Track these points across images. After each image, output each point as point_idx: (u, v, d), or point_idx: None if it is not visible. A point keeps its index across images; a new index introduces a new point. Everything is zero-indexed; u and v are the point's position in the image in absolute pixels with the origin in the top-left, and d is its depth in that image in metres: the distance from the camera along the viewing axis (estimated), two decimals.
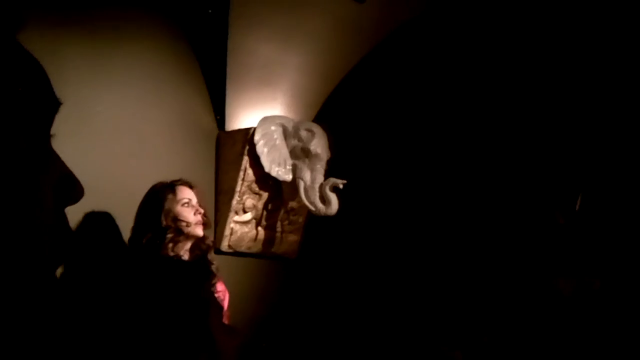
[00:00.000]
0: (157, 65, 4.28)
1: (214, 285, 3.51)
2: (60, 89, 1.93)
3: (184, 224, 3.53)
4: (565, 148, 4.95)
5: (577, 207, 4.54)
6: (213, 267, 3.60)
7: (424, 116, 5.38)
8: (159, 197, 3.58)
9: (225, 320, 3.64)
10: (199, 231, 3.59)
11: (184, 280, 3.36)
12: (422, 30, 5.15)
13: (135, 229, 3.52)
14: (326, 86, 4.99)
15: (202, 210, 3.64)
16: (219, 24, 4.40)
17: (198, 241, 3.59)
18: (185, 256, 3.54)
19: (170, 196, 3.58)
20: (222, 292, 3.68)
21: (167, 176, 3.66)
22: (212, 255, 3.67)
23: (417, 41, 5.22)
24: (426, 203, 5.38)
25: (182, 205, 3.59)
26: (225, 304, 3.72)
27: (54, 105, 1.78)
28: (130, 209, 3.56)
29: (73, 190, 1.89)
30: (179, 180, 3.68)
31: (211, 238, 3.79)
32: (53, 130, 1.94)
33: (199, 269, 3.54)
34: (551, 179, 4.97)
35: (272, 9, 4.52)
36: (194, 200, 3.66)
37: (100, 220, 3.71)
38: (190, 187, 3.70)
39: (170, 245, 3.49)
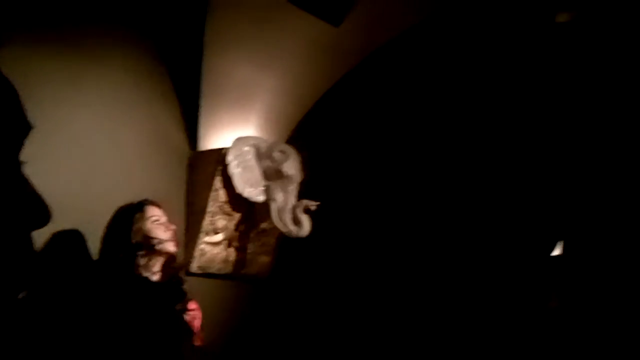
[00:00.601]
0: (130, 85, 4.25)
1: (186, 305, 3.48)
2: (32, 110, 1.89)
3: (155, 240, 3.50)
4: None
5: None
6: (185, 287, 3.58)
7: (397, 141, 5.40)
8: (127, 216, 3.56)
9: (199, 342, 3.61)
10: (171, 248, 3.57)
11: (156, 301, 3.33)
12: (397, 54, 5.18)
13: (104, 250, 3.49)
14: (301, 108, 5.00)
15: (173, 227, 3.62)
16: (194, 43, 4.39)
17: (169, 260, 3.56)
18: (157, 276, 3.51)
19: (138, 215, 3.56)
20: (195, 312, 3.65)
21: (138, 196, 3.63)
22: (183, 275, 3.64)
23: (391, 65, 5.25)
24: (398, 226, 5.39)
25: (153, 222, 3.56)
26: (198, 324, 3.69)
27: (25, 129, 1.75)
28: (102, 229, 3.52)
29: (41, 214, 1.85)
30: (146, 200, 3.66)
31: (182, 257, 3.76)
32: (23, 151, 1.91)
33: (172, 289, 3.51)
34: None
35: (248, 30, 4.52)
36: (164, 218, 3.63)
37: (70, 241, 3.66)
38: (158, 206, 3.69)
39: (142, 263, 3.46)
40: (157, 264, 3.51)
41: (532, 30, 5.05)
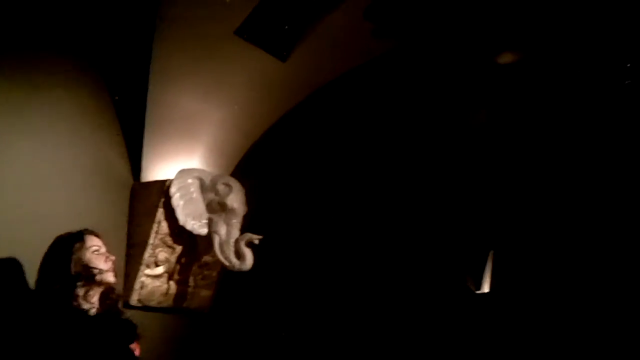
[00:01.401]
0: (74, 113, 4.20)
1: (128, 337, 3.42)
2: None
3: (95, 271, 3.42)
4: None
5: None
6: (125, 318, 3.51)
7: (341, 174, 5.44)
8: (67, 245, 3.48)
9: None
10: (111, 278, 3.49)
11: (97, 334, 3.26)
12: (343, 91, 5.24)
13: (41, 281, 3.39)
14: (246, 141, 5.00)
15: (113, 257, 3.56)
16: (140, 74, 4.37)
17: (108, 291, 3.49)
18: (95, 307, 3.43)
19: (78, 244, 3.48)
20: (133, 345, 3.58)
21: (79, 225, 3.56)
22: (121, 307, 3.57)
23: (337, 102, 5.31)
24: (340, 261, 5.41)
25: (93, 252, 3.49)
26: (137, 356, 3.62)
27: None
28: (40, 258, 3.44)
29: None
30: (86, 230, 3.59)
31: (121, 289, 3.69)
32: None
33: (112, 321, 3.44)
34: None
35: (194, 62, 4.52)
36: (104, 248, 3.57)
37: (8, 270, 3.58)
38: (97, 236, 3.62)
39: (81, 294, 3.37)
40: (95, 295, 3.43)
41: (474, 71, 5.17)
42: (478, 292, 7.00)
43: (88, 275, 3.38)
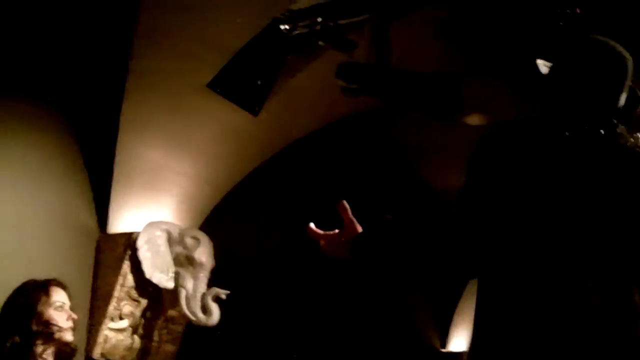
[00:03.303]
0: (39, 160, 4.16)
1: None
2: None
3: (55, 328, 3.35)
4: None
5: None
6: None
7: (306, 233, 5.43)
8: (30, 298, 3.39)
9: None
10: (69, 337, 3.41)
11: None
12: (314, 148, 5.27)
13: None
14: (215, 194, 4.98)
15: (75, 316, 3.48)
16: (109, 123, 4.35)
17: (64, 349, 3.41)
18: None
19: (43, 298, 3.40)
20: None
21: (42, 275, 3.48)
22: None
23: (308, 158, 5.33)
24: (306, 316, 5.38)
25: (55, 308, 3.41)
26: None
27: None
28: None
29: None
30: (52, 280, 3.50)
31: (75, 342, 3.59)
32: None
33: None
34: None
35: (164, 115, 4.52)
36: (67, 304, 3.49)
37: None
38: (63, 288, 3.54)
39: (39, 351, 3.29)
40: (51, 351, 3.35)
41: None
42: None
43: (47, 333, 3.30)
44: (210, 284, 4.50)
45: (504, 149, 1.94)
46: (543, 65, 2.12)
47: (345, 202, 2.12)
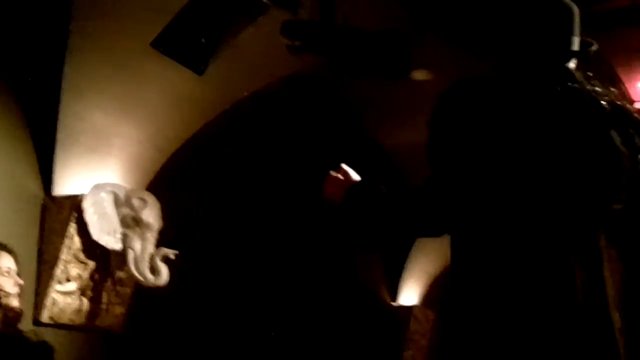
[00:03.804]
0: None
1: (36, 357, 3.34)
2: None
3: (2, 294, 3.35)
4: None
5: None
6: (28, 336, 3.44)
7: (255, 189, 5.45)
8: None
9: None
10: (16, 303, 3.43)
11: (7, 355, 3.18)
12: (260, 107, 5.27)
13: None
14: (161, 155, 4.94)
15: (21, 282, 3.48)
16: (52, 85, 4.28)
17: (9, 311, 3.41)
18: None
19: None
20: None
21: None
22: (21, 325, 3.49)
23: (253, 117, 5.33)
24: (257, 278, 5.41)
25: (2, 274, 3.40)
26: None
27: None
28: None
29: None
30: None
31: (21, 306, 3.58)
32: None
33: (16, 341, 3.36)
34: None
35: (108, 76, 4.46)
36: (14, 270, 3.48)
37: None
38: (10, 252, 3.53)
39: None
40: None
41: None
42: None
43: None
44: (158, 245, 4.49)
45: (465, 104, 1.98)
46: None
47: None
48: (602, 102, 2.01)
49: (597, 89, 2.04)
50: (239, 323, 5.29)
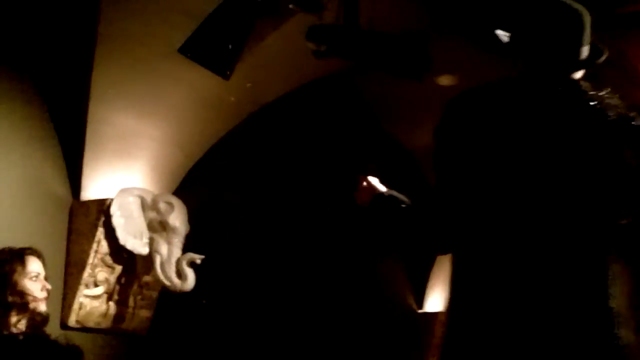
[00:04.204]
0: (10, 129, 4.12)
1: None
2: None
3: (30, 298, 3.36)
4: None
5: None
6: (56, 340, 3.45)
7: (283, 193, 5.45)
8: (5, 267, 3.39)
9: None
10: (43, 307, 3.43)
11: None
12: (285, 111, 5.27)
13: None
14: (188, 159, 4.96)
15: (49, 287, 3.49)
16: (80, 89, 4.32)
17: (37, 318, 3.43)
18: (22, 334, 3.35)
19: (19, 268, 3.39)
20: None
21: (16, 244, 3.47)
22: (49, 328, 3.51)
23: (279, 121, 5.33)
24: (282, 284, 5.40)
25: (31, 278, 3.41)
26: None
27: None
28: None
29: None
30: (28, 249, 3.50)
31: (48, 311, 3.60)
32: None
33: (44, 345, 3.37)
34: None
35: (135, 80, 4.48)
36: (42, 274, 3.49)
37: None
38: (38, 257, 3.54)
39: (13, 321, 3.30)
40: (25, 322, 3.36)
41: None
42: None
43: (22, 303, 3.31)
44: (185, 249, 4.50)
45: (468, 114, 1.98)
46: (503, 36, 2.16)
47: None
48: (609, 113, 1.97)
49: (607, 100, 2.00)
50: (262, 329, 5.29)
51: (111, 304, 4.49)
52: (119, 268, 4.48)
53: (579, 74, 2.06)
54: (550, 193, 1.90)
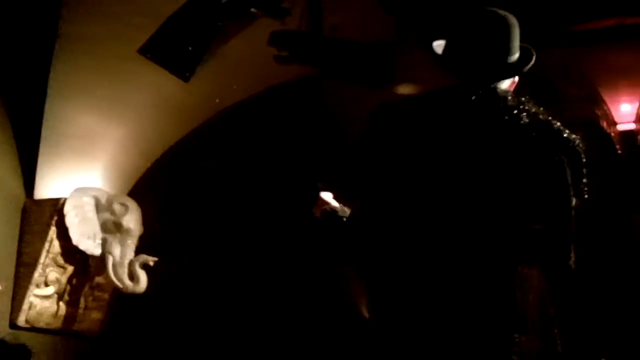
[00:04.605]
0: None
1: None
2: None
3: None
4: None
5: None
6: (5, 339, 3.41)
7: (239, 196, 5.44)
8: None
9: None
10: None
11: None
12: (245, 115, 5.26)
13: None
14: (145, 161, 4.93)
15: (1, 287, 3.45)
16: (37, 88, 4.26)
17: None
18: None
19: None
20: None
21: None
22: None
23: (239, 125, 5.31)
24: (235, 282, 5.39)
25: None
26: None
27: None
28: None
29: None
30: None
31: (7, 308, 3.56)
32: None
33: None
34: None
35: (96, 79, 4.45)
36: None
37: None
38: None
39: None
40: None
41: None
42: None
43: None
44: (138, 250, 4.46)
45: (388, 126, 2.02)
46: (438, 47, 2.18)
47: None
48: (525, 119, 1.99)
49: (525, 107, 2.03)
50: (218, 332, 5.25)
51: (62, 304, 4.44)
52: (70, 268, 4.44)
53: (506, 83, 2.08)
54: (462, 197, 1.94)
